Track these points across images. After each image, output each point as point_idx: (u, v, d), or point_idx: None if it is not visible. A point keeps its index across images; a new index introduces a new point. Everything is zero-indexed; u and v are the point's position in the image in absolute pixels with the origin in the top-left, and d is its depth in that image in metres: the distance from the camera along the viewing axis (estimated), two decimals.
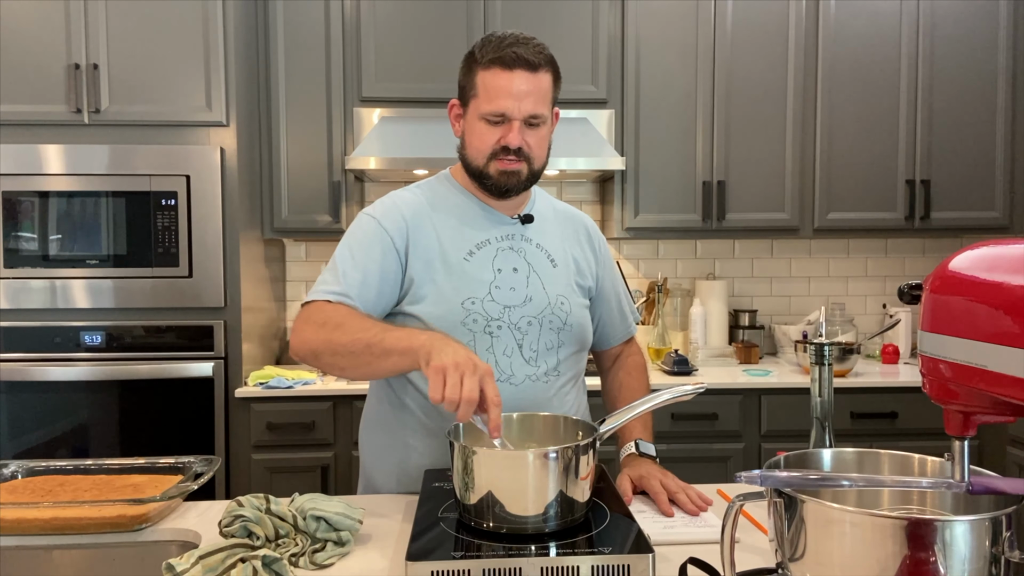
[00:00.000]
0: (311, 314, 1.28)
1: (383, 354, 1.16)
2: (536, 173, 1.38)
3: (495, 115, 1.31)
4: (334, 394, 2.60)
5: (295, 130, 2.83)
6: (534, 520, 1.00)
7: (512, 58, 1.29)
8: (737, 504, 0.82)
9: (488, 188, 1.38)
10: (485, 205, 1.42)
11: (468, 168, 1.39)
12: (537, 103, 1.32)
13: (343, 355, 1.21)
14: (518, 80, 1.30)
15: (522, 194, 1.44)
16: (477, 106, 1.33)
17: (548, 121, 1.37)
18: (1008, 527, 0.73)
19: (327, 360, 1.24)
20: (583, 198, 3.29)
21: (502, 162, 1.33)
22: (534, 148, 1.35)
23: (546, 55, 1.34)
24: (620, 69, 2.92)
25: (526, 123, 1.32)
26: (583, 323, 1.44)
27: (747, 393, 2.69)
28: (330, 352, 1.22)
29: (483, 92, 1.32)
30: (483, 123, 1.33)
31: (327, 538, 1.08)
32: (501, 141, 1.32)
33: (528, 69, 1.30)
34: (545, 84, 1.33)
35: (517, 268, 1.38)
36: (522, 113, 1.31)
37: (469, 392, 1.02)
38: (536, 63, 1.31)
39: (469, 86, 1.35)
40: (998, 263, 0.69)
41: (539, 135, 1.35)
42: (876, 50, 2.96)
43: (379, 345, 1.17)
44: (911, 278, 3.34)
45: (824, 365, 1.14)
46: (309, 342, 1.25)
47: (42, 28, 2.52)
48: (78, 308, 2.54)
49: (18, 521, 1.16)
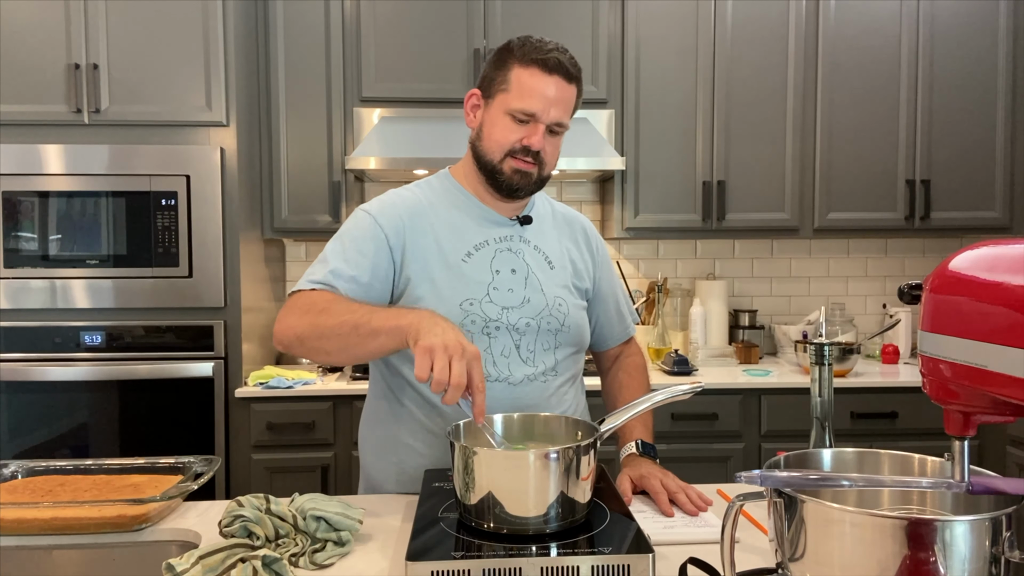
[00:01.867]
0: (295, 302, 1.26)
1: (371, 334, 1.14)
2: (544, 179, 1.39)
3: (525, 113, 1.32)
4: (334, 394, 2.60)
5: (295, 130, 2.83)
6: (535, 521, 1.00)
7: (554, 63, 1.31)
8: (737, 504, 0.82)
9: (497, 185, 1.37)
10: (484, 206, 1.42)
11: (480, 161, 1.38)
12: (564, 112, 1.34)
13: (329, 338, 1.19)
14: (554, 85, 1.31)
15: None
16: (506, 101, 1.33)
17: (564, 131, 1.38)
18: (1008, 527, 0.73)
19: (313, 344, 1.21)
20: (583, 198, 3.29)
21: (518, 161, 1.34)
22: (549, 155, 1.36)
23: (579, 70, 1.36)
24: (620, 69, 2.92)
25: (549, 129, 1.34)
26: (580, 324, 1.44)
27: (747, 393, 2.69)
28: (316, 336, 1.20)
29: (516, 88, 1.32)
30: (508, 118, 1.33)
31: (327, 538, 1.08)
32: (523, 141, 1.33)
33: (565, 78, 1.32)
34: (572, 96, 1.35)
35: (515, 269, 1.38)
36: (550, 118, 1.32)
37: (458, 377, 1.02)
38: (573, 74, 1.34)
39: (500, 79, 1.34)
40: (998, 263, 0.69)
41: (555, 143, 1.37)
42: (876, 50, 2.96)
43: (366, 325, 1.15)
44: (911, 278, 3.34)
45: (824, 365, 1.14)
46: (293, 327, 1.23)
47: (42, 28, 2.52)
48: (78, 308, 2.54)
49: (18, 521, 1.16)
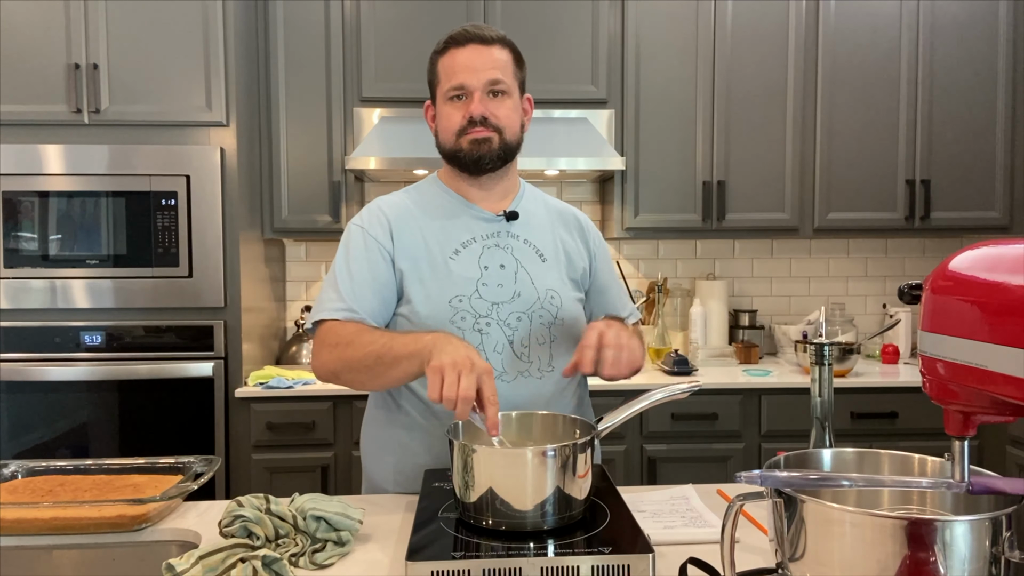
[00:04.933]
0: (325, 336, 1.32)
1: (393, 362, 1.20)
2: (510, 146, 1.38)
3: (455, 89, 1.34)
4: (334, 394, 2.60)
5: (295, 130, 2.83)
6: (532, 517, 1.00)
7: (463, 36, 1.35)
8: (737, 504, 0.82)
9: (464, 164, 1.38)
10: (470, 204, 1.42)
11: (444, 153, 1.41)
12: (495, 71, 1.35)
13: (359, 370, 1.26)
14: (471, 53, 1.34)
15: (506, 184, 1.44)
16: (441, 91, 1.37)
17: (514, 93, 1.38)
18: (1008, 527, 0.73)
19: (347, 377, 1.29)
20: (583, 198, 3.29)
21: (470, 133, 1.35)
22: (502, 119, 1.36)
23: (499, 34, 1.38)
24: (620, 69, 2.92)
25: (489, 93, 1.35)
26: (576, 316, 1.43)
27: (747, 393, 2.69)
28: (347, 369, 1.28)
29: (443, 74, 1.37)
30: (448, 105, 1.36)
31: (327, 538, 1.08)
32: (465, 116, 1.34)
33: (481, 43, 1.35)
34: (502, 57, 1.37)
35: (504, 264, 1.39)
36: (480, 82, 1.34)
37: (465, 391, 1.04)
38: (488, 38, 1.36)
39: (433, 78, 1.40)
40: (998, 263, 0.69)
41: (505, 106, 1.36)
42: (876, 50, 2.96)
43: (388, 354, 1.21)
44: (911, 278, 3.34)
45: (824, 365, 1.14)
46: (327, 364, 1.30)
47: (42, 28, 2.52)
48: (78, 308, 2.54)
49: (18, 521, 1.16)
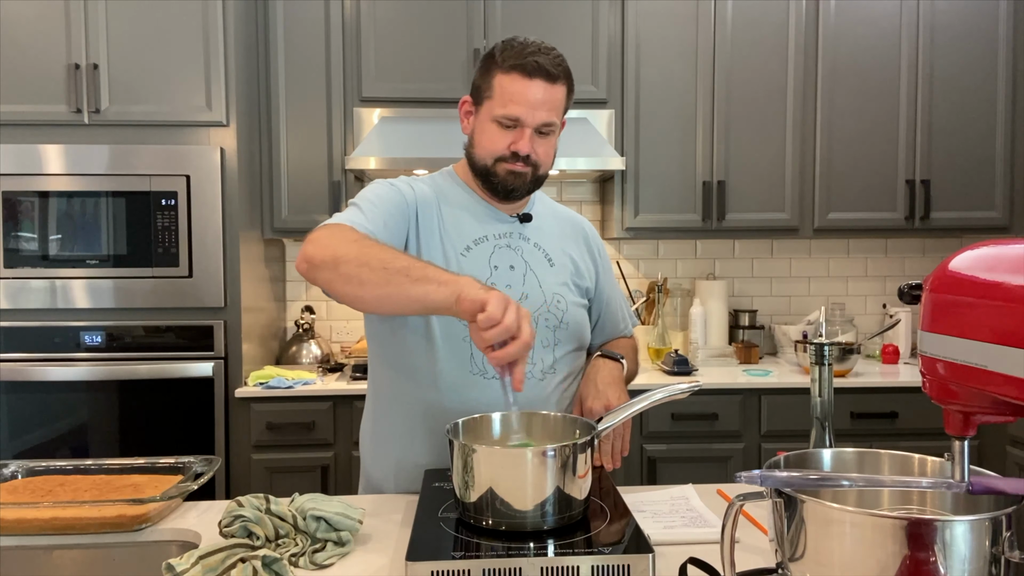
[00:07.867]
0: (341, 230, 1.20)
1: (421, 279, 1.10)
2: (541, 178, 1.40)
3: (508, 119, 1.32)
4: (334, 394, 2.60)
5: (295, 130, 2.83)
6: (532, 517, 1.00)
7: (533, 67, 1.30)
8: (737, 504, 0.82)
9: (493, 188, 1.38)
10: (485, 203, 1.43)
11: (474, 166, 1.39)
12: (550, 113, 1.33)
13: (374, 268, 1.13)
14: (536, 89, 1.31)
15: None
16: (491, 108, 1.34)
17: (557, 130, 1.38)
18: (1008, 527, 0.73)
19: (348, 270, 1.14)
20: (583, 198, 3.29)
21: (510, 165, 1.34)
22: (542, 155, 1.36)
23: (564, 68, 1.35)
24: (620, 69, 2.92)
25: (537, 131, 1.34)
26: (580, 321, 1.44)
27: (747, 393, 2.69)
28: (358, 262, 1.14)
29: (499, 95, 1.32)
30: (495, 125, 1.34)
31: (327, 538, 1.08)
32: (512, 146, 1.33)
33: (547, 80, 1.31)
34: (560, 96, 1.35)
35: (514, 266, 1.39)
36: (535, 121, 1.32)
37: (511, 321, 1.01)
38: (555, 75, 1.32)
39: (485, 87, 1.35)
40: (998, 263, 0.69)
41: (548, 143, 1.37)
42: (876, 50, 2.96)
43: (419, 270, 1.11)
44: (911, 278, 3.32)
45: (824, 365, 1.14)
46: (333, 247, 1.16)
47: (42, 28, 2.52)
48: (78, 308, 2.54)
49: (18, 521, 1.16)
